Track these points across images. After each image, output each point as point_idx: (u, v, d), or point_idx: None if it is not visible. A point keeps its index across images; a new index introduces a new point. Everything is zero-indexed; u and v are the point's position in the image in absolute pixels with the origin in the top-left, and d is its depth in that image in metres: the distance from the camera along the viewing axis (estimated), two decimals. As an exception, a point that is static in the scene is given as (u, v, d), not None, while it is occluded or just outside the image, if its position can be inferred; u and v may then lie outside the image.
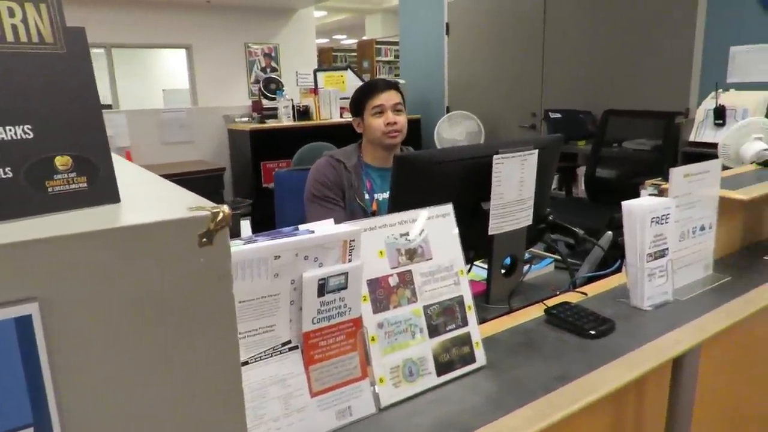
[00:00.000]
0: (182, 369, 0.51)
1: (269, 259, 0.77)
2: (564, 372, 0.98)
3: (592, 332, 1.10)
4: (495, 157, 1.16)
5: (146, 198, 0.61)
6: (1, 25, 0.50)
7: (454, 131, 4.97)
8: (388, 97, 1.89)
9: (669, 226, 1.20)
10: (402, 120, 1.89)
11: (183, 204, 0.53)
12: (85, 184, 0.54)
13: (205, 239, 0.51)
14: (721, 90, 3.25)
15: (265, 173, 4.95)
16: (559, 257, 1.56)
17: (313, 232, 0.82)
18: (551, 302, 1.24)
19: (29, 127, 0.51)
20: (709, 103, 3.27)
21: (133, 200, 0.57)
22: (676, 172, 1.22)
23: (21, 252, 0.43)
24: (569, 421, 0.86)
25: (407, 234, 0.96)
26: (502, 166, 1.19)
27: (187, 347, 0.51)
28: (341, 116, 5.34)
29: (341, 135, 4.63)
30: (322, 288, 0.82)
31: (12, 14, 0.50)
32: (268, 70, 8.48)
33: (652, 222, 1.17)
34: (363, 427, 0.85)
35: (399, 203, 1.19)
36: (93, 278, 0.46)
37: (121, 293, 0.47)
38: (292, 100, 5.19)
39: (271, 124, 5.10)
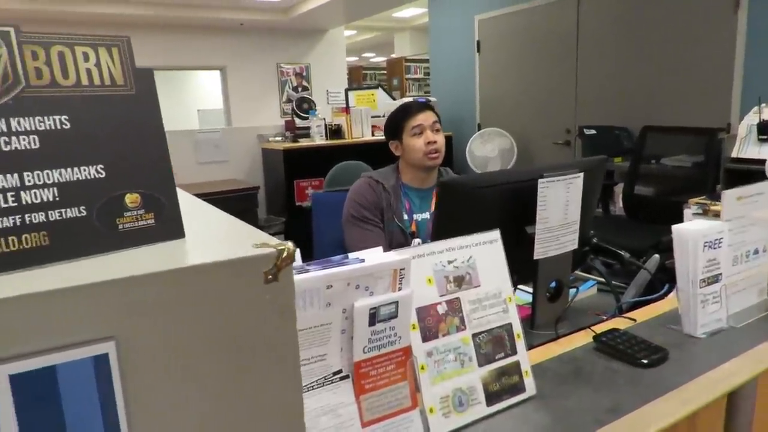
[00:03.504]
0: (248, 402, 0.52)
1: (322, 288, 0.77)
2: (615, 404, 0.95)
3: (645, 362, 1.07)
4: (540, 181, 1.15)
5: (208, 232, 0.62)
6: (77, 69, 0.52)
7: (486, 148, 4.95)
8: (426, 117, 1.90)
9: (722, 251, 1.17)
10: (441, 139, 1.89)
11: (246, 239, 0.54)
12: (153, 221, 0.56)
13: (270, 276, 0.51)
14: (764, 104, 3.16)
15: (299, 191, 5.00)
16: (603, 280, 1.53)
17: (363, 260, 0.82)
18: (599, 328, 1.21)
19: (101, 166, 0.53)
20: (751, 118, 3.17)
21: (196, 235, 0.58)
22: (729, 195, 1.19)
23: (99, 292, 0.44)
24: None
25: (455, 261, 0.95)
26: (548, 190, 1.17)
27: (252, 381, 0.52)
28: (373, 134, 5.37)
29: (373, 153, 4.66)
30: (373, 317, 0.81)
31: (87, 59, 0.52)
32: (300, 89, 8.63)
33: (704, 247, 1.14)
34: (414, 458, 0.84)
35: (443, 228, 1.19)
36: (164, 316, 0.47)
37: (190, 330, 0.48)
38: (324, 119, 5.25)
39: (304, 143, 5.17)
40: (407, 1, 6.85)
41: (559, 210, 1.21)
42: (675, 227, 1.15)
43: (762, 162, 2.98)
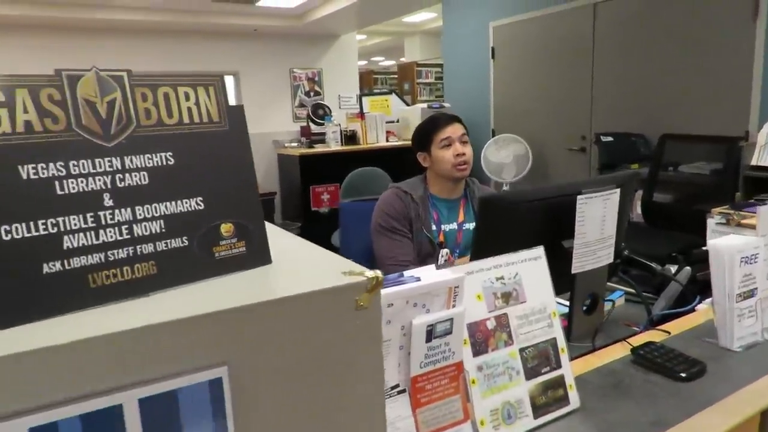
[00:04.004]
0: (339, 419, 0.55)
1: (383, 306, 0.80)
2: (658, 418, 0.98)
3: (683, 375, 1.09)
4: (579, 197, 1.18)
5: (291, 258, 0.65)
6: (180, 109, 0.56)
7: (500, 154, 4.97)
8: (454, 130, 1.93)
9: (758, 266, 1.19)
10: (469, 151, 1.93)
11: (330, 266, 0.58)
12: (244, 249, 0.59)
13: (361, 303, 0.54)
14: (783, 113, 3.17)
15: (314, 197, 5.04)
16: (634, 291, 1.55)
17: (419, 278, 0.85)
18: (635, 341, 1.23)
19: (201, 198, 0.56)
20: (771, 126, 3.18)
21: (280, 262, 0.61)
22: (765, 210, 1.21)
23: (213, 321, 0.48)
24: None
25: (502, 277, 0.98)
26: (586, 206, 1.20)
27: (344, 400, 0.55)
28: (387, 140, 5.41)
29: (388, 159, 4.72)
30: (430, 333, 0.85)
31: (188, 98, 0.56)
32: (312, 94, 8.68)
33: (741, 262, 1.16)
34: (468, 470, 0.87)
35: (483, 243, 1.22)
36: (269, 341, 0.50)
37: (290, 354, 0.52)
38: (339, 125, 5.30)
39: (319, 148, 5.21)
40: (420, 7, 6.89)
41: (596, 225, 1.23)
42: (711, 242, 1.18)
43: (781, 170, 3.00)
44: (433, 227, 1.92)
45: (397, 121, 5.70)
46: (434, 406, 0.88)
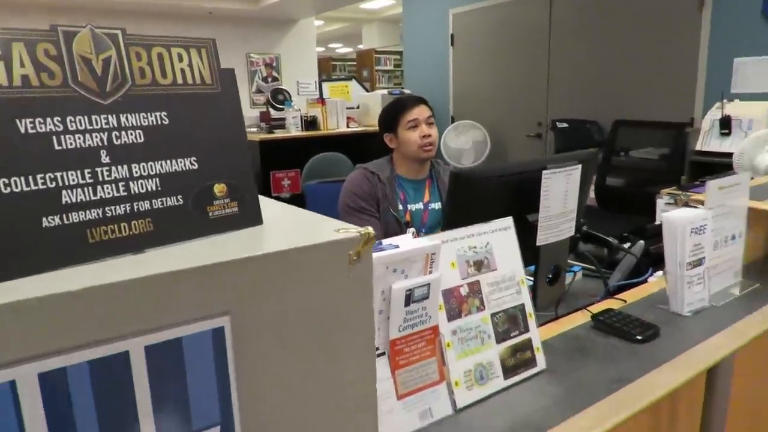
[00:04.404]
0: (333, 367, 0.58)
1: (364, 272, 0.83)
2: (618, 375, 1.05)
3: (639, 337, 1.17)
4: (544, 172, 1.23)
5: (280, 220, 0.67)
6: (173, 69, 0.56)
7: (460, 140, 5.06)
8: (420, 111, 1.97)
9: (706, 236, 1.28)
10: (435, 133, 1.97)
11: (321, 226, 0.60)
12: (236, 209, 0.61)
13: (355, 257, 0.57)
14: (726, 100, 3.35)
15: (275, 183, 5.00)
16: (592, 266, 1.63)
17: (397, 246, 0.88)
18: (594, 309, 1.30)
19: (194, 159, 0.58)
20: (714, 113, 3.36)
21: (272, 224, 0.63)
22: (713, 185, 1.29)
23: (216, 272, 0.49)
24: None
25: (475, 246, 1.03)
26: (550, 181, 1.25)
27: (338, 349, 0.58)
28: (348, 126, 5.41)
29: (349, 145, 4.73)
30: (408, 298, 0.88)
31: (181, 59, 0.57)
32: (270, 79, 8.56)
33: (691, 232, 1.24)
34: (444, 427, 0.91)
35: (454, 216, 1.26)
36: (269, 293, 0.52)
37: (288, 305, 0.54)
38: (300, 110, 5.26)
39: (279, 134, 5.16)
40: (379, -8, 6.88)
41: (560, 199, 1.29)
42: (665, 215, 1.25)
43: (723, 155, 3.18)
44: (400, 207, 1.96)
45: (358, 107, 5.70)
46: (412, 368, 0.91)
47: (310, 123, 5.26)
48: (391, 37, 10.71)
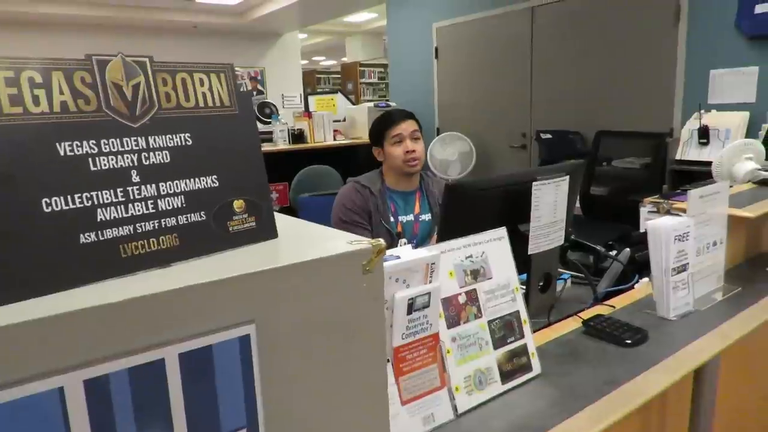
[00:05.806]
0: (349, 372, 0.61)
1: (369, 282, 0.86)
2: (610, 378, 1.09)
3: (629, 341, 1.22)
4: (534, 183, 1.28)
5: (297, 233, 0.70)
6: (195, 93, 0.60)
7: (446, 152, 5.12)
8: (406, 126, 2.02)
9: (689, 243, 1.34)
10: (420, 147, 2.01)
11: (333, 237, 0.64)
12: (254, 223, 0.64)
13: (367, 267, 0.61)
14: (703, 111, 3.46)
15: (263, 196, 5.02)
16: (581, 273, 1.68)
17: (398, 257, 0.92)
18: (585, 315, 1.35)
19: (215, 177, 0.61)
20: (692, 124, 3.47)
21: (287, 237, 0.67)
22: (694, 194, 1.36)
23: (242, 282, 0.53)
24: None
25: (471, 256, 1.07)
26: (540, 192, 1.31)
27: (352, 355, 0.61)
28: (335, 139, 5.46)
29: (336, 157, 4.77)
30: (411, 306, 0.92)
31: (202, 84, 0.61)
32: (255, 93, 8.60)
33: (675, 240, 1.30)
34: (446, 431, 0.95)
35: (448, 227, 1.30)
36: (290, 302, 0.56)
37: (309, 313, 0.57)
38: (287, 123, 5.30)
39: (267, 147, 5.18)
40: (363, 6, 6.97)
41: (549, 209, 1.34)
42: (650, 223, 1.31)
43: (702, 164, 3.28)
44: (391, 219, 2.00)
45: (344, 120, 5.76)
46: (415, 375, 0.95)
47: (297, 136, 5.30)
48: (375, 49, 10.82)
